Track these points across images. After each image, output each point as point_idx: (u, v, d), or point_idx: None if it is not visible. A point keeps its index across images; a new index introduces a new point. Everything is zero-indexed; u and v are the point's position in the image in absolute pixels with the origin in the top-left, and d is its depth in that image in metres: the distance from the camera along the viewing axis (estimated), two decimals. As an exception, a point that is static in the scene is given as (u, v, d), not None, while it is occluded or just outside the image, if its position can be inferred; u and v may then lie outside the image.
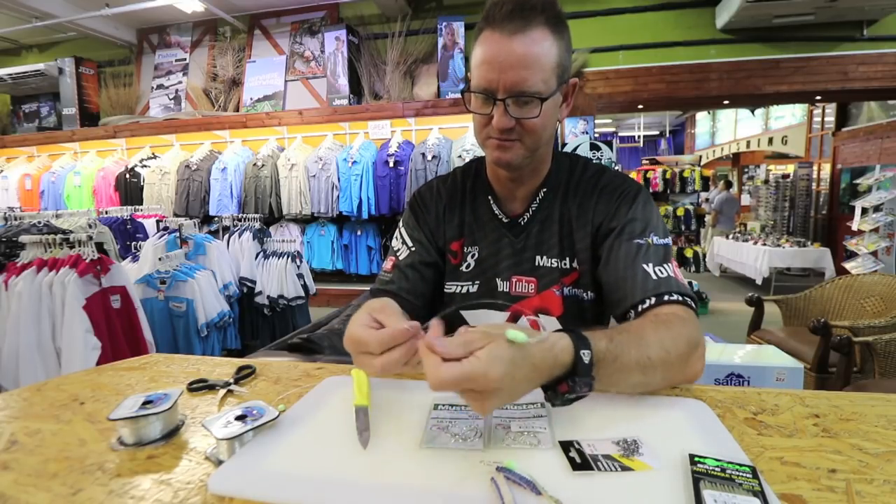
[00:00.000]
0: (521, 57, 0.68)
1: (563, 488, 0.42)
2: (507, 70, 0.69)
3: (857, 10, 3.96)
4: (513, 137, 0.74)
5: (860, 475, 0.45)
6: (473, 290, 0.86)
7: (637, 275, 0.72)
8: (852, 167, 6.47)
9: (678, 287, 0.70)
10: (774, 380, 1.65)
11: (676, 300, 0.69)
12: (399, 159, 4.47)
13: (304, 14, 5.33)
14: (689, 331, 0.65)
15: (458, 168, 0.95)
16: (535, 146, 0.77)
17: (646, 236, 0.75)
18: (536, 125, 0.73)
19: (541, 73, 0.70)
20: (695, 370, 0.66)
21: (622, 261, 0.74)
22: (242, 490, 0.43)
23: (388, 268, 0.87)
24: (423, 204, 0.92)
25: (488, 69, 0.70)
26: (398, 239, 0.90)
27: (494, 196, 0.88)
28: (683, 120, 13.00)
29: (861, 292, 2.42)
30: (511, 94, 0.70)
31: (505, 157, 0.76)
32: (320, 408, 0.60)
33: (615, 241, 0.76)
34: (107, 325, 1.96)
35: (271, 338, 3.28)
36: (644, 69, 4.53)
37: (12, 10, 4.84)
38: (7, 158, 6.11)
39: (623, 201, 0.79)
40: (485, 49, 0.71)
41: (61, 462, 0.50)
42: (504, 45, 0.68)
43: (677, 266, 0.76)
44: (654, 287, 0.70)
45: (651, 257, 0.73)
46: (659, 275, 0.71)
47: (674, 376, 0.63)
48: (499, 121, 0.72)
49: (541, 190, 0.85)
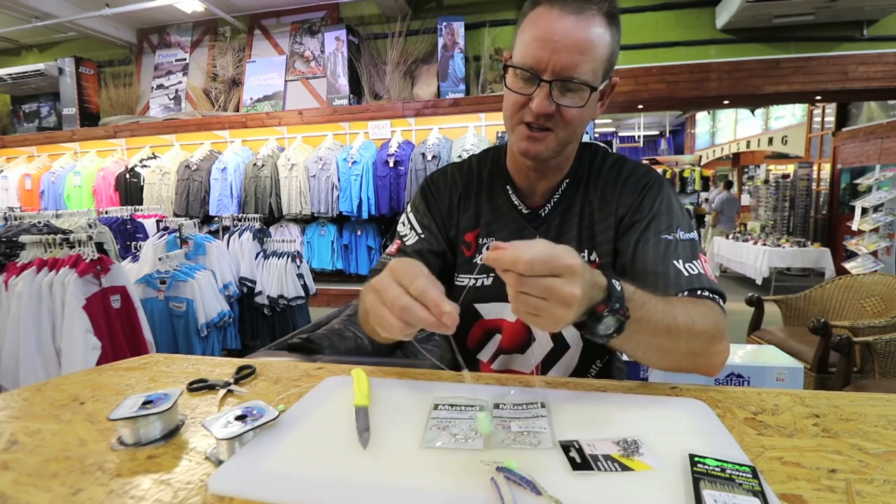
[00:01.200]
0: (577, 40, 0.64)
1: (563, 488, 0.42)
2: (561, 51, 0.64)
3: (857, 10, 3.96)
4: (548, 126, 0.70)
5: (860, 475, 0.45)
6: (488, 282, 0.83)
7: (669, 271, 0.70)
8: (852, 167, 6.47)
9: (710, 284, 0.70)
10: (774, 380, 1.65)
11: (708, 296, 0.68)
12: (399, 159, 4.47)
13: (304, 14, 5.33)
14: (717, 317, 0.65)
15: (474, 156, 0.91)
16: (568, 140, 0.73)
17: (673, 231, 0.74)
18: (575, 117, 0.69)
19: (592, 63, 0.66)
20: (717, 360, 0.65)
21: (651, 257, 0.72)
22: (242, 490, 0.43)
23: (392, 251, 0.83)
24: (437, 190, 0.87)
25: (539, 46, 0.65)
26: (405, 224, 0.86)
27: (514, 186, 0.84)
28: (683, 120, 13.00)
29: (861, 292, 2.42)
30: (559, 78, 0.66)
31: (534, 150, 0.72)
32: (320, 408, 0.60)
33: (641, 236, 0.74)
34: (107, 325, 1.96)
35: (271, 338, 3.28)
36: (644, 69, 4.53)
37: (12, 10, 4.84)
38: (7, 158, 6.12)
39: (647, 194, 0.77)
40: (539, 25, 0.66)
41: (61, 462, 0.50)
42: (562, 23, 0.64)
43: (707, 260, 0.75)
44: (686, 283, 0.69)
45: (680, 253, 0.72)
46: (690, 271, 0.70)
47: (697, 353, 0.62)
48: (539, 104, 0.67)
49: (563, 181, 0.82)
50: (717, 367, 0.66)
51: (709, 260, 5.68)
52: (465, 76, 4.72)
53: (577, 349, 0.82)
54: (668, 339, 0.59)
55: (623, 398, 0.61)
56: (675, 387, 0.66)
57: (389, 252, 0.84)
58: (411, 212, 0.88)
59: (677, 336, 0.59)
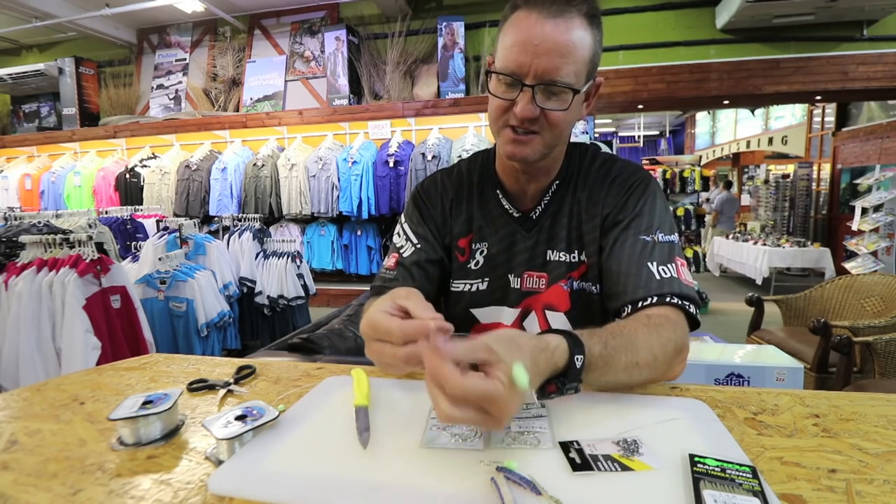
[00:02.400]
0: (558, 43, 0.65)
1: (563, 488, 0.42)
2: (542, 55, 0.65)
3: (857, 10, 3.97)
4: (533, 129, 0.70)
5: (860, 475, 0.45)
6: (483, 287, 0.83)
7: (641, 273, 0.71)
8: (852, 167, 6.47)
9: (680, 288, 0.70)
10: (774, 380, 1.66)
11: (675, 303, 0.69)
12: (399, 159, 4.47)
13: (304, 14, 5.33)
14: (678, 335, 0.65)
15: (463, 160, 0.90)
16: (554, 143, 0.73)
17: (652, 233, 0.74)
18: (560, 119, 0.70)
19: (574, 65, 0.66)
20: (675, 372, 0.66)
21: (626, 256, 0.73)
22: (242, 490, 0.43)
23: (390, 265, 0.82)
24: (428, 198, 0.87)
25: (520, 51, 0.66)
26: (401, 235, 0.85)
27: (504, 190, 0.84)
28: (683, 120, 13.00)
29: (861, 292, 2.42)
30: (541, 82, 0.66)
31: (520, 153, 0.72)
32: (320, 408, 0.60)
33: (620, 235, 0.75)
34: (107, 325, 1.96)
35: (271, 338, 3.28)
36: (644, 69, 4.53)
37: (12, 10, 4.84)
38: (7, 158, 6.12)
39: (632, 194, 0.77)
40: (519, 30, 0.66)
41: (61, 462, 0.50)
42: (541, 27, 0.64)
43: (684, 264, 0.74)
44: (657, 287, 0.69)
45: (656, 255, 0.72)
46: (663, 274, 0.70)
47: (655, 377, 0.64)
48: (523, 109, 0.67)
49: (553, 183, 0.82)
50: (674, 377, 0.67)
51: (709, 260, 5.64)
52: (465, 76, 4.72)
53: None
54: (628, 377, 0.60)
55: (623, 398, 0.61)
56: (675, 387, 0.66)
57: (388, 266, 0.83)
58: (405, 222, 0.87)
59: (637, 373, 0.61)
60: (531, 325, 0.83)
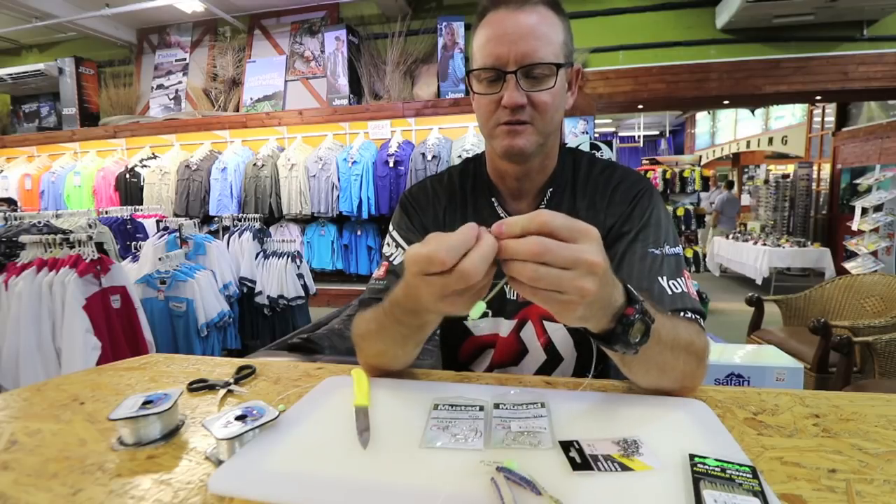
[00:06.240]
0: (531, 27, 0.67)
1: (563, 488, 0.42)
2: (518, 41, 0.67)
3: (856, 10, 3.96)
4: (524, 119, 0.70)
5: (860, 475, 0.45)
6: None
7: (653, 289, 0.70)
8: (852, 167, 6.47)
9: (692, 304, 0.69)
10: (774, 380, 1.66)
11: (689, 318, 0.68)
12: (399, 159, 4.47)
13: (304, 14, 5.33)
14: (703, 339, 0.65)
15: (453, 168, 0.89)
16: (547, 130, 0.73)
17: (660, 246, 0.73)
18: (548, 103, 0.70)
19: (550, 46, 0.68)
20: (698, 383, 0.66)
21: (637, 271, 0.72)
22: (242, 490, 0.43)
23: (380, 275, 0.79)
24: (418, 205, 0.85)
25: (497, 44, 0.68)
26: (390, 244, 0.83)
27: (499, 197, 0.83)
28: (683, 120, 13.00)
29: (861, 292, 2.42)
30: (523, 65, 0.67)
31: (517, 144, 0.71)
32: (320, 408, 0.60)
33: (629, 248, 0.74)
34: (107, 325, 1.96)
35: (271, 338, 3.28)
36: (644, 69, 4.53)
37: (12, 10, 4.84)
38: (7, 158, 6.12)
39: (637, 203, 0.77)
40: (491, 26, 0.69)
41: (61, 462, 0.50)
42: (512, 18, 0.68)
43: (689, 276, 0.74)
44: (669, 302, 0.68)
45: (665, 270, 0.71)
46: (674, 290, 0.69)
47: (688, 373, 0.63)
48: (510, 96, 0.68)
49: (548, 189, 0.81)
50: (695, 387, 0.66)
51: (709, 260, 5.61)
52: (466, 76, 4.72)
53: (570, 361, 0.82)
54: (672, 356, 0.59)
55: (623, 398, 0.61)
56: (670, 394, 0.66)
57: (377, 276, 0.80)
58: (394, 230, 0.84)
59: (677, 354, 0.59)
60: (528, 336, 0.81)
